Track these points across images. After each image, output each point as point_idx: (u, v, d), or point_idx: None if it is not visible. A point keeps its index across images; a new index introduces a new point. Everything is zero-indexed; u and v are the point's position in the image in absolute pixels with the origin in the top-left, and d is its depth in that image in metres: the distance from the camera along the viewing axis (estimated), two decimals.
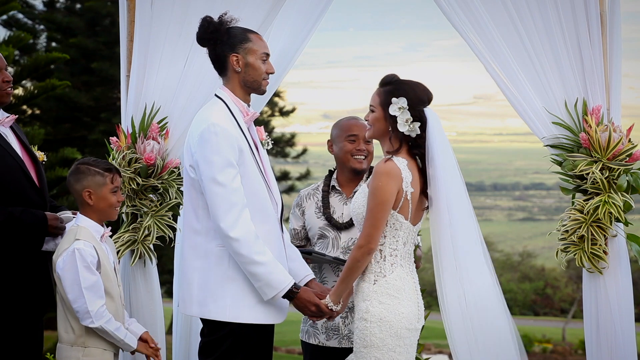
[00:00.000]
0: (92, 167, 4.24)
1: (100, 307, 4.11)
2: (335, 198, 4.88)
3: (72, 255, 4.12)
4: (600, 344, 4.64)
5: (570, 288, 31.48)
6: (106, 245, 4.29)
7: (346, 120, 4.90)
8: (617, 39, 4.72)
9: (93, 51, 17.51)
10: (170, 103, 4.95)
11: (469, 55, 4.81)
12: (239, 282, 4.09)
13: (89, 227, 4.22)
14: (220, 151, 4.04)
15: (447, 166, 4.07)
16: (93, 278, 4.11)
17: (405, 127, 4.06)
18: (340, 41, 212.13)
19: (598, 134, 4.60)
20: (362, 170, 4.84)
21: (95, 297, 4.11)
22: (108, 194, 4.24)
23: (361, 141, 4.80)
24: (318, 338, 4.81)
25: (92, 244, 4.16)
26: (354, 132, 4.81)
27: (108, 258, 4.25)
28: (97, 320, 4.11)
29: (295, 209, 4.95)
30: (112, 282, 4.22)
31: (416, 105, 4.06)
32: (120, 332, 4.17)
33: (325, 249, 4.80)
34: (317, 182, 5.01)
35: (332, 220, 4.82)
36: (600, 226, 4.58)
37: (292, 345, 22.34)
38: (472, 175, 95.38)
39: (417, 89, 4.10)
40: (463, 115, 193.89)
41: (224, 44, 4.17)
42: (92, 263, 4.13)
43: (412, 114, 4.06)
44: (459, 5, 4.75)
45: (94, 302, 4.10)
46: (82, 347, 4.17)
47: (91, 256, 4.13)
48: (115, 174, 4.27)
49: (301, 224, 4.92)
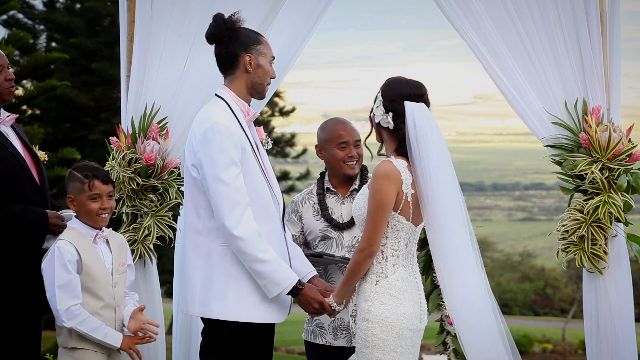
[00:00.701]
0: (76, 172, 4.22)
1: (73, 306, 4.07)
2: (331, 199, 4.88)
3: (52, 254, 4.13)
4: (600, 344, 4.64)
5: (570, 288, 31.46)
6: (103, 247, 4.25)
7: (334, 124, 4.88)
8: (617, 39, 4.72)
9: (93, 51, 17.51)
10: (170, 103, 4.95)
11: (469, 55, 4.80)
12: (241, 281, 4.09)
13: (79, 229, 4.21)
14: (223, 150, 4.05)
15: (431, 159, 4.02)
16: (67, 277, 4.08)
17: (380, 119, 4.10)
18: (340, 41, 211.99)
19: (598, 134, 4.60)
20: (355, 175, 4.86)
21: (66, 297, 4.07)
22: (86, 201, 4.19)
23: (352, 147, 4.81)
24: (325, 338, 4.80)
25: (73, 245, 4.13)
26: (344, 139, 4.81)
27: (100, 259, 4.20)
28: (69, 321, 4.07)
29: (291, 216, 4.93)
30: (100, 284, 4.17)
31: (390, 97, 4.07)
32: (97, 333, 4.10)
33: (329, 250, 4.81)
34: (309, 187, 5.02)
35: (334, 222, 4.82)
36: (600, 226, 4.58)
37: (292, 345, 22.34)
38: (472, 175, 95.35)
39: (394, 84, 4.11)
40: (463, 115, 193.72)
41: (238, 42, 4.18)
42: (71, 262, 4.10)
43: (385, 105, 4.08)
44: (458, 6, 4.75)
45: (64, 301, 4.07)
46: (72, 348, 4.15)
47: (70, 254, 4.10)
48: (94, 180, 4.18)
49: (299, 230, 4.92)
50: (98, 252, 4.22)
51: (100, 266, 4.20)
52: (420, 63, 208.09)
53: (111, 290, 4.22)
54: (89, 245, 4.19)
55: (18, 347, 4.34)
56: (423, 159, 4.01)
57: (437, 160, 4.03)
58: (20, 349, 4.35)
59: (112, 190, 4.27)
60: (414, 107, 4.05)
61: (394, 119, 4.07)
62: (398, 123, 4.07)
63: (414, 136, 4.02)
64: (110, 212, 4.28)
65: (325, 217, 4.84)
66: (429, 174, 4.01)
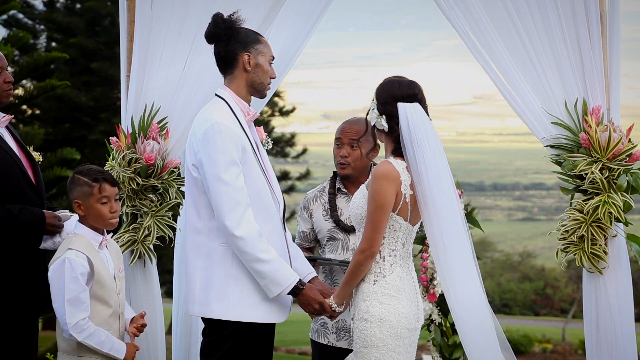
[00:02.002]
0: (82, 176, 4.16)
1: (81, 321, 4.02)
2: (342, 199, 4.87)
3: (62, 265, 4.05)
4: (600, 344, 4.64)
5: (570, 288, 31.46)
6: (106, 252, 4.22)
7: (343, 123, 4.88)
8: (616, 39, 4.72)
9: (93, 51, 17.49)
10: (170, 103, 4.95)
11: (469, 55, 4.80)
12: (242, 281, 4.09)
13: (85, 235, 4.15)
14: (224, 149, 4.05)
15: (427, 160, 4.02)
16: (77, 290, 4.02)
17: (374, 122, 4.11)
18: (340, 41, 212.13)
19: (598, 134, 4.60)
20: (345, 176, 4.81)
21: (76, 311, 4.02)
22: (96, 204, 4.14)
23: (345, 146, 4.78)
24: (328, 338, 4.80)
25: (85, 255, 4.08)
26: (339, 136, 4.81)
27: (106, 266, 4.17)
28: (77, 335, 4.03)
29: (302, 212, 4.94)
30: (109, 291, 4.15)
31: (383, 99, 4.08)
32: (104, 346, 4.07)
33: (335, 251, 4.79)
34: (323, 183, 4.99)
35: (341, 223, 4.81)
36: (600, 226, 4.58)
37: (292, 345, 22.34)
38: (472, 175, 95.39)
39: (387, 86, 4.12)
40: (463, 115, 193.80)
41: (237, 41, 4.18)
42: (83, 274, 4.04)
43: (379, 108, 4.09)
44: (458, 6, 4.75)
45: (74, 315, 4.02)
46: (77, 356, 4.12)
47: (82, 267, 4.05)
48: (103, 183, 4.15)
49: (309, 227, 4.91)
50: (103, 258, 4.19)
51: (107, 273, 4.17)
52: (420, 63, 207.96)
53: (116, 297, 4.20)
54: (95, 253, 4.14)
55: (15, 347, 4.33)
56: (419, 159, 4.01)
57: (432, 159, 4.03)
58: (17, 349, 4.34)
59: (117, 193, 4.23)
60: (407, 108, 4.05)
61: (387, 121, 4.08)
62: (392, 125, 4.07)
63: (408, 137, 4.02)
64: (118, 215, 4.24)
65: (333, 218, 4.83)
66: (425, 174, 4.01)
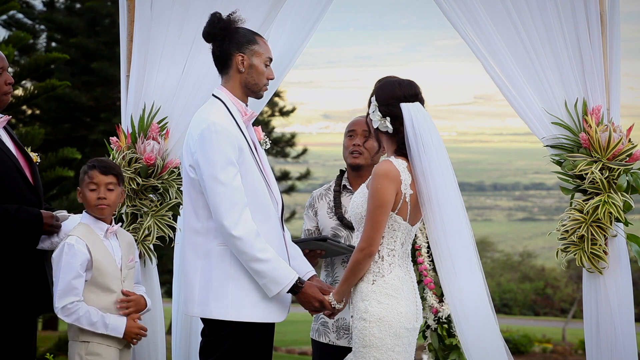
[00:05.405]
0: (86, 165, 4.32)
1: (69, 304, 4.15)
2: (347, 198, 4.88)
3: (62, 249, 4.20)
4: (600, 344, 4.64)
5: (570, 288, 31.44)
6: (113, 242, 4.33)
7: (356, 118, 4.95)
8: (616, 39, 4.72)
9: (93, 51, 17.48)
10: (170, 103, 4.95)
11: (469, 55, 4.81)
12: (240, 281, 4.09)
13: (89, 224, 4.28)
14: (221, 150, 4.05)
15: (431, 158, 4.03)
16: (70, 275, 4.16)
17: (377, 124, 4.10)
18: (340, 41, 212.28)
19: (598, 134, 4.60)
20: (357, 165, 4.84)
21: (65, 295, 4.16)
22: (84, 190, 4.29)
23: (359, 136, 4.82)
24: (329, 337, 4.82)
25: (84, 242, 4.20)
26: (352, 128, 4.86)
27: (110, 254, 4.28)
28: (65, 317, 4.18)
29: (308, 210, 4.97)
30: (112, 278, 4.25)
31: (385, 101, 4.08)
32: (97, 327, 4.18)
33: None
34: (329, 182, 5.03)
35: (344, 220, 4.83)
36: (600, 226, 4.58)
37: (292, 345, 22.34)
38: (472, 175, 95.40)
39: (387, 86, 4.12)
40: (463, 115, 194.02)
41: (231, 41, 4.18)
42: (81, 260, 4.17)
43: (381, 110, 4.08)
44: (458, 6, 4.75)
45: (62, 299, 4.16)
46: (84, 342, 4.21)
47: (80, 252, 4.18)
48: (93, 170, 4.27)
49: (314, 225, 4.94)
50: (108, 247, 4.29)
51: (110, 261, 4.27)
52: (420, 63, 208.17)
53: (120, 284, 4.30)
54: (99, 241, 4.26)
55: (14, 347, 4.33)
56: (423, 158, 4.02)
57: (437, 158, 4.04)
58: (16, 349, 4.34)
59: (112, 182, 4.31)
60: (411, 108, 4.06)
61: (392, 122, 4.08)
62: (397, 126, 4.08)
63: (413, 137, 4.03)
64: (111, 204, 4.30)
65: (337, 215, 4.85)
66: (429, 172, 4.02)
